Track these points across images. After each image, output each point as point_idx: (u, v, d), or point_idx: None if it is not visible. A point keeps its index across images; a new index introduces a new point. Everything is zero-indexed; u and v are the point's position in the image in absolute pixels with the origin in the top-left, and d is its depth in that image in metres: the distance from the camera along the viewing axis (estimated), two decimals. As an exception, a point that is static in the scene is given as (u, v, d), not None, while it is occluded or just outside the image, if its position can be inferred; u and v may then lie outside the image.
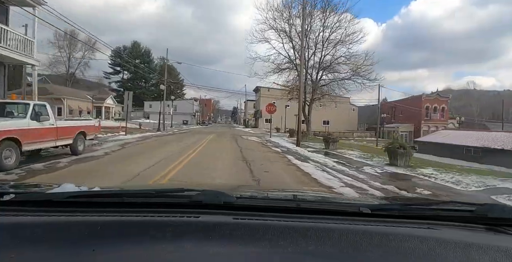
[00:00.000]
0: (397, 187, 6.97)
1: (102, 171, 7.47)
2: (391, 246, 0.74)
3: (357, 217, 0.94)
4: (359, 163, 10.97)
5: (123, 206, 0.96)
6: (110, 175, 7.02)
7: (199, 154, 11.22)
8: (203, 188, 1.21)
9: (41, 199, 1.00)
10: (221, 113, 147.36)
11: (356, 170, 9.21)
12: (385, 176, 8.58)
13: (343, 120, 60.00)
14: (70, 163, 8.32)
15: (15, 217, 0.85)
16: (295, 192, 1.73)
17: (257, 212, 0.92)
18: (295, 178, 7.67)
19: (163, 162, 8.92)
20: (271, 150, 14.81)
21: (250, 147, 15.21)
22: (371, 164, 10.76)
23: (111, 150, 11.69)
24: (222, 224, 0.79)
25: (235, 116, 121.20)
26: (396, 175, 8.79)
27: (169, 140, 17.79)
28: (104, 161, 9.01)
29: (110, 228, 0.78)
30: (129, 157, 10.19)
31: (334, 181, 7.33)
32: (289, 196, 1.45)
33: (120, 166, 8.22)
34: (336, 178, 7.70)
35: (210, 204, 0.95)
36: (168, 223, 0.80)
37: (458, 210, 1.03)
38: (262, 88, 57.36)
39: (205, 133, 28.34)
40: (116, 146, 12.91)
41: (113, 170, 7.65)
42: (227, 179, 6.91)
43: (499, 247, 0.75)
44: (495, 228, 0.91)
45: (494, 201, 5.82)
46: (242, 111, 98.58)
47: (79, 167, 7.78)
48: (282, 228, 0.79)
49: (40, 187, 1.32)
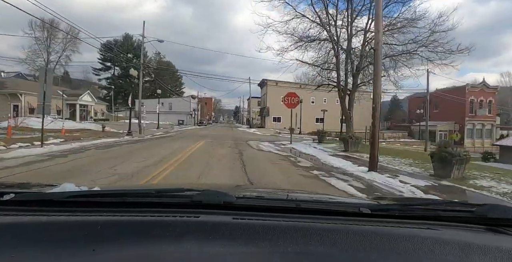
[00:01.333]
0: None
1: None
2: (391, 246, 0.74)
3: (357, 217, 0.93)
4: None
5: (123, 206, 0.95)
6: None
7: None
8: (203, 188, 1.19)
9: (41, 199, 0.99)
10: (223, 113, 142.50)
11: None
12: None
13: (365, 117, 51.39)
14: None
15: (15, 216, 0.84)
16: (295, 192, 1.77)
17: (257, 212, 0.92)
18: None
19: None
20: (326, 183, 6.39)
21: (275, 178, 6.77)
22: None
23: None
24: (222, 224, 0.79)
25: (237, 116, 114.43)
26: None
27: (106, 157, 9.25)
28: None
29: (110, 228, 0.77)
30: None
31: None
32: (289, 196, 1.44)
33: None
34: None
35: (210, 204, 0.95)
36: (168, 223, 0.79)
37: (458, 211, 1.03)
38: (269, 81, 48.66)
39: (196, 137, 20.08)
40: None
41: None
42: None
43: (499, 248, 0.74)
44: (495, 229, 0.91)
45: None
46: (245, 110, 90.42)
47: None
48: (282, 228, 0.79)
49: (40, 186, 1.33)
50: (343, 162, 9.59)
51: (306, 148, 14.63)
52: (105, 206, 0.94)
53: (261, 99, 54.58)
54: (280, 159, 10.68)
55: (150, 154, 9.98)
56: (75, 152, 10.15)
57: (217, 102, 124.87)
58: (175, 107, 63.46)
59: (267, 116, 47.58)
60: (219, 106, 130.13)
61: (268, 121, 47.49)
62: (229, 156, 10.48)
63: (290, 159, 10.54)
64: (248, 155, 10.99)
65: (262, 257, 0.69)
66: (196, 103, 66.36)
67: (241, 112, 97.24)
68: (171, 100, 64.21)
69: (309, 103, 45.22)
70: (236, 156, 10.66)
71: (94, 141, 14.18)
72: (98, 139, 15.20)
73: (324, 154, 12.06)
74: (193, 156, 10.09)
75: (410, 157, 11.78)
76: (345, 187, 5.94)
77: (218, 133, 28.18)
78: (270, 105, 47.32)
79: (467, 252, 0.72)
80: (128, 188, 1.57)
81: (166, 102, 64.44)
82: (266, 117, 47.80)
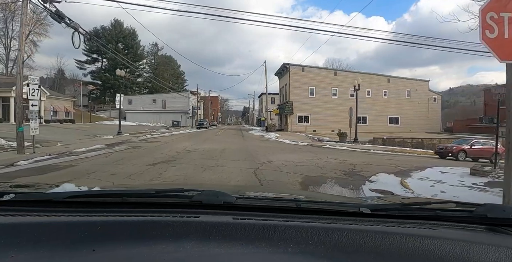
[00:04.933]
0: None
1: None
2: (391, 246, 0.74)
3: (357, 217, 0.93)
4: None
5: (123, 206, 0.95)
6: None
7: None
8: (203, 188, 1.18)
9: (41, 199, 0.99)
10: (231, 114, 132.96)
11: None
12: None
13: (418, 117, 37.69)
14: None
15: (15, 217, 0.84)
16: (295, 192, 1.80)
17: (257, 212, 0.92)
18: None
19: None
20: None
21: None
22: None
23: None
24: (222, 224, 0.79)
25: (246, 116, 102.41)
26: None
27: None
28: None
29: (110, 228, 0.77)
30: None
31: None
32: (289, 196, 1.44)
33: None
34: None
35: (210, 204, 0.94)
36: (168, 223, 0.79)
37: (458, 210, 1.03)
38: (292, 67, 35.50)
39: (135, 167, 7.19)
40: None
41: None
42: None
43: (499, 247, 0.74)
44: (495, 228, 0.91)
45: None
46: (255, 111, 77.40)
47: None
48: (282, 228, 0.79)
49: (40, 187, 1.31)
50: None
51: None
52: (105, 206, 0.94)
53: (280, 92, 41.57)
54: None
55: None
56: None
57: (224, 102, 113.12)
58: (170, 105, 50.99)
59: (290, 115, 34.57)
60: (226, 107, 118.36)
61: (291, 122, 34.55)
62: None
63: None
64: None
65: (262, 257, 0.69)
66: (197, 101, 53.49)
67: (251, 112, 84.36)
68: (166, 97, 51.70)
69: (365, 95, 32.14)
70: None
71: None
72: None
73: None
74: None
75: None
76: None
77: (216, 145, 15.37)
78: (294, 100, 34.37)
79: (467, 252, 0.72)
80: (128, 188, 1.58)
81: (158, 99, 51.88)
82: (288, 117, 34.77)
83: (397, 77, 39.12)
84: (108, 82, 57.13)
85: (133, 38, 61.90)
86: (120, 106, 23.81)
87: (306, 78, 34.58)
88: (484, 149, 14.98)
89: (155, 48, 70.08)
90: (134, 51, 61.30)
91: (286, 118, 35.47)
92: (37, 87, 9.72)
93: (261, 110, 63.55)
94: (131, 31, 61.44)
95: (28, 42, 43.01)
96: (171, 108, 50.56)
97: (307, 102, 34.32)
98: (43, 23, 41.73)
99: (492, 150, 14.60)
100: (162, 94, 52.32)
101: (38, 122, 9.85)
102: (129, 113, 49.50)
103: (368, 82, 32.47)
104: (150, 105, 51.28)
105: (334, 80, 35.33)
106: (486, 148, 14.90)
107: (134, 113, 49.21)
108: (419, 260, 0.71)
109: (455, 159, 14.62)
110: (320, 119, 33.78)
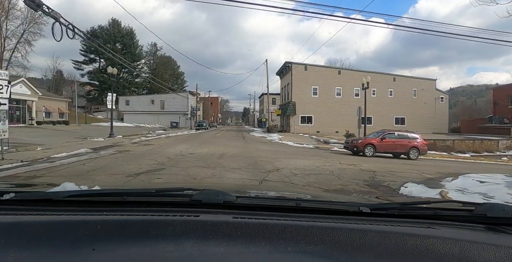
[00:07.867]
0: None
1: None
2: (390, 245, 0.74)
3: (357, 216, 0.93)
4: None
5: (123, 205, 0.95)
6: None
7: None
8: (203, 187, 1.17)
9: (41, 198, 0.98)
10: (231, 115, 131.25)
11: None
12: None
13: (424, 117, 36.33)
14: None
15: (15, 216, 0.84)
16: (294, 192, 1.75)
17: (257, 211, 0.91)
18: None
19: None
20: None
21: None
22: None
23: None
24: (222, 223, 0.79)
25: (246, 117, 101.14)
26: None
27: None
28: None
29: (110, 227, 0.77)
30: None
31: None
32: (289, 195, 1.42)
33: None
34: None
35: (210, 203, 0.94)
36: (168, 222, 0.79)
37: (458, 210, 1.02)
38: (294, 65, 34.17)
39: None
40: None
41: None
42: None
43: (498, 247, 0.75)
44: (494, 227, 0.90)
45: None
46: (256, 112, 76.02)
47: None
48: (282, 227, 0.78)
49: (40, 186, 1.29)
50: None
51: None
52: (105, 205, 0.93)
53: (282, 92, 40.22)
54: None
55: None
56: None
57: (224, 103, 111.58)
58: (169, 106, 49.62)
59: (292, 115, 33.23)
60: (226, 108, 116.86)
61: (294, 123, 33.20)
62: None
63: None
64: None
65: (262, 257, 0.69)
66: (196, 101, 52.11)
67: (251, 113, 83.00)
68: (164, 97, 50.31)
69: (370, 95, 30.73)
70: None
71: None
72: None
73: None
74: None
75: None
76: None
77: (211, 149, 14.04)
78: (296, 100, 33.05)
79: (466, 251, 0.72)
80: (128, 187, 1.57)
81: (157, 100, 50.51)
82: (290, 117, 33.43)
83: (403, 76, 37.74)
84: (106, 83, 55.56)
85: (131, 38, 60.55)
86: (112, 106, 22.35)
87: (309, 77, 33.23)
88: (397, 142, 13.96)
89: (154, 48, 68.71)
90: (132, 51, 59.94)
91: (288, 119, 34.13)
92: (6, 83, 8.41)
93: (261, 111, 62.18)
94: (129, 31, 60.15)
95: (22, 42, 41.85)
96: (169, 109, 49.21)
97: (310, 102, 32.97)
98: (37, 22, 40.48)
99: (408, 144, 13.63)
100: (160, 94, 50.97)
101: (7, 124, 8.54)
102: (127, 114, 48.14)
103: (373, 81, 30.96)
104: (148, 106, 49.90)
105: (338, 79, 33.95)
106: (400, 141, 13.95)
107: (132, 115, 47.85)
108: (419, 259, 0.70)
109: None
110: (323, 120, 32.42)
